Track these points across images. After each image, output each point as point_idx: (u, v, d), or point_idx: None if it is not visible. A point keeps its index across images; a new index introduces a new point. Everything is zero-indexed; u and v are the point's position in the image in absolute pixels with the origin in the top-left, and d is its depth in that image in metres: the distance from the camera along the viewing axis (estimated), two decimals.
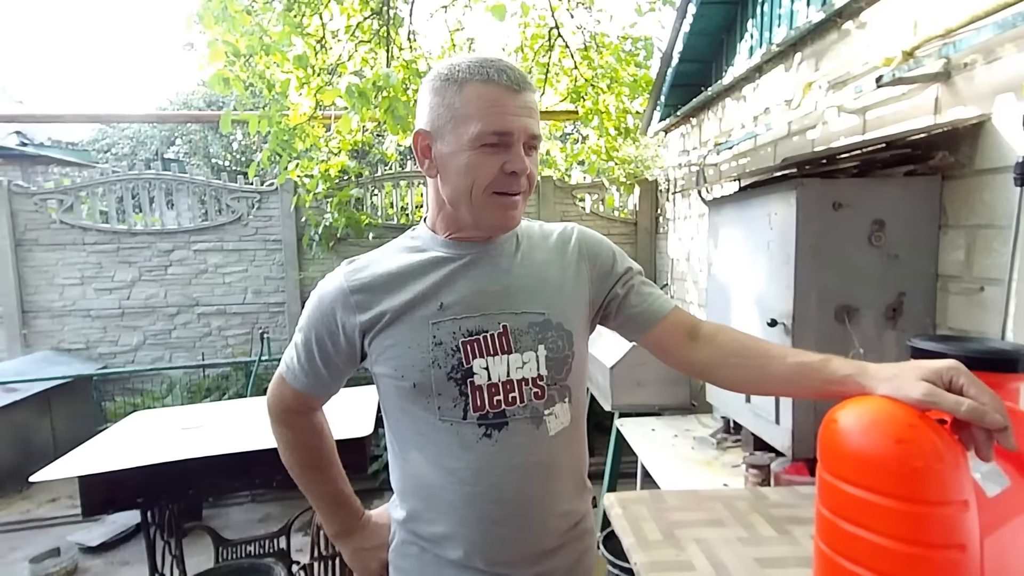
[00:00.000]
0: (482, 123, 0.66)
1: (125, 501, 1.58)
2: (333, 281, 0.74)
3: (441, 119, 0.68)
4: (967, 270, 1.23)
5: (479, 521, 0.70)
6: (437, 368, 0.69)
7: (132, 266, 4.24)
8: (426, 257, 0.74)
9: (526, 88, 0.68)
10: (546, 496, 0.73)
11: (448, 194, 0.71)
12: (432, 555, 0.74)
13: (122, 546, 2.78)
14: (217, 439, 1.73)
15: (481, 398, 0.70)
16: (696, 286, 2.99)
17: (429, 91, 0.70)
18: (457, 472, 0.70)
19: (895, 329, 1.33)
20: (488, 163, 0.67)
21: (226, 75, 3.06)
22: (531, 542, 0.73)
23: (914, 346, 0.61)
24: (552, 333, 0.73)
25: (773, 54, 1.99)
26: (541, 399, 0.72)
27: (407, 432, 0.74)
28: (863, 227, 1.31)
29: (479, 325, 0.71)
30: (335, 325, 0.72)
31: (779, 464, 1.44)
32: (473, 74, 0.67)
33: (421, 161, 0.73)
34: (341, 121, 3.12)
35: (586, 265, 0.79)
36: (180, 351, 4.32)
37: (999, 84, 1.12)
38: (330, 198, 4.02)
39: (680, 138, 3.21)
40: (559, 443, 0.74)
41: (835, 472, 0.56)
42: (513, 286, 0.74)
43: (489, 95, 0.66)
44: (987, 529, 0.50)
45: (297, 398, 0.78)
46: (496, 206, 0.70)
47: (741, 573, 0.92)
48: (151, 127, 9.43)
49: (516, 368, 0.71)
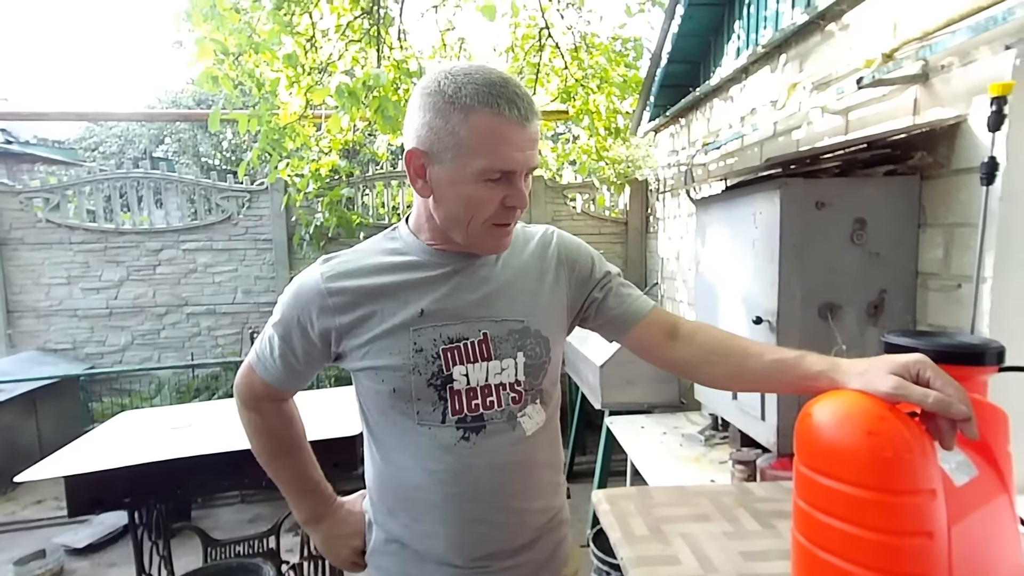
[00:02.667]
0: (488, 159, 0.64)
1: (112, 501, 1.57)
2: (309, 280, 0.73)
3: (442, 144, 0.65)
4: (945, 268, 1.26)
5: (459, 520, 0.72)
6: (417, 375, 0.70)
7: (120, 265, 4.19)
8: (406, 261, 0.74)
9: (533, 119, 0.66)
10: (523, 493, 0.75)
11: (441, 217, 0.70)
12: (412, 551, 0.75)
13: (109, 547, 2.76)
14: (206, 439, 1.72)
15: (460, 402, 0.71)
16: (685, 285, 3.01)
17: (429, 108, 0.65)
18: (437, 474, 0.71)
19: (877, 326, 1.35)
20: (489, 197, 0.66)
21: (215, 73, 3.03)
22: (510, 537, 0.74)
23: (887, 341, 0.63)
24: (531, 340, 0.75)
25: (759, 55, 2.02)
26: (518, 403, 0.74)
27: (386, 433, 0.75)
28: (845, 226, 1.34)
29: (460, 332, 0.71)
30: (309, 325, 0.72)
31: (765, 460, 1.46)
32: (482, 103, 0.63)
33: (414, 179, 0.69)
34: (331, 120, 3.11)
35: (565, 270, 0.80)
36: (169, 351, 4.28)
37: (975, 86, 1.15)
38: (321, 197, 4.00)
39: (669, 138, 3.23)
40: (535, 442, 0.76)
41: (810, 464, 0.57)
42: (493, 293, 0.74)
43: (498, 130, 0.63)
44: (954, 517, 0.52)
45: (266, 388, 0.78)
46: (491, 236, 0.70)
47: (726, 566, 0.94)
48: (139, 125, 9.32)
49: (495, 374, 0.72)
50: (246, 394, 0.80)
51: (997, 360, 0.59)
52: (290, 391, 0.81)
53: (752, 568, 0.93)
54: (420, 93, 0.68)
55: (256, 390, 0.79)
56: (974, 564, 0.52)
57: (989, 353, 0.58)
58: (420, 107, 0.67)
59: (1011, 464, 0.58)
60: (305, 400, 2.18)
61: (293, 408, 0.84)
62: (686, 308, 3.00)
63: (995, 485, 0.56)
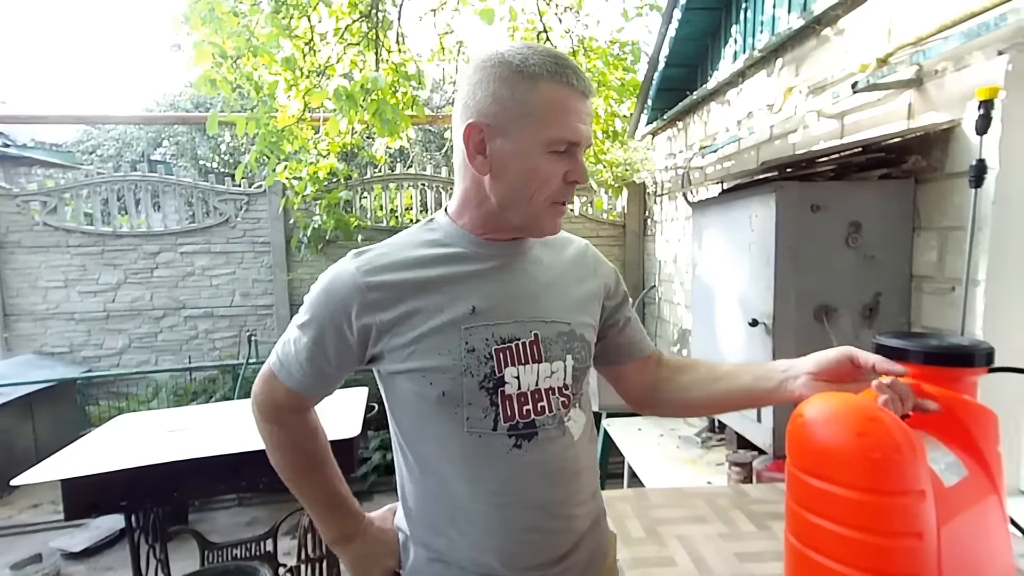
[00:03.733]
0: (556, 128, 0.62)
1: (109, 504, 1.57)
2: (343, 275, 0.67)
3: (507, 114, 0.62)
4: (939, 270, 1.27)
5: (510, 530, 0.68)
6: (469, 376, 0.65)
7: (117, 268, 4.19)
8: (451, 253, 0.69)
9: (592, 93, 0.66)
10: (572, 498, 0.72)
11: (500, 194, 0.66)
12: (457, 568, 0.70)
13: (106, 551, 2.75)
14: (203, 441, 1.72)
15: (511, 408, 0.67)
16: (683, 287, 3.02)
17: (493, 79, 0.63)
18: (487, 484, 0.67)
19: (871, 328, 1.36)
20: (553, 171, 0.64)
21: (213, 76, 3.04)
22: (558, 544, 0.72)
23: (878, 343, 0.63)
24: (577, 344, 0.73)
25: (756, 59, 2.03)
26: (566, 408, 0.71)
27: (425, 441, 0.70)
28: (840, 229, 1.35)
29: (511, 332, 0.68)
30: (346, 323, 0.67)
31: (761, 462, 1.47)
32: (551, 72, 0.62)
33: (472, 156, 0.65)
34: (329, 123, 3.12)
35: (600, 283, 0.79)
36: (166, 354, 4.27)
37: (968, 90, 1.16)
38: (319, 200, 4.01)
39: (667, 141, 3.25)
40: (580, 446, 0.74)
41: (801, 466, 0.58)
42: (541, 292, 0.71)
43: (565, 99, 0.63)
44: (944, 518, 0.52)
45: (291, 397, 0.72)
46: (551, 214, 0.68)
47: (721, 568, 0.94)
48: (137, 129, 9.32)
49: (545, 377, 0.69)
50: (267, 405, 0.74)
51: (986, 361, 0.59)
52: (316, 399, 0.75)
53: (747, 569, 0.93)
54: (481, 67, 0.65)
55: (279, 400, 0.73)
56: (964, 564, 0.53)
57: (979, 354, 0.59)
58: (481, 80, 0.64)
59: (1000, 465, 0.58)
60: None
61: (316, 419, 0.78)
62: (683, 310, 3.01)
63: (985, 485, 0.57)
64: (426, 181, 4.49)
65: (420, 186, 4.50)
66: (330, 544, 0.78)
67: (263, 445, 0.76)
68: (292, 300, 4.29)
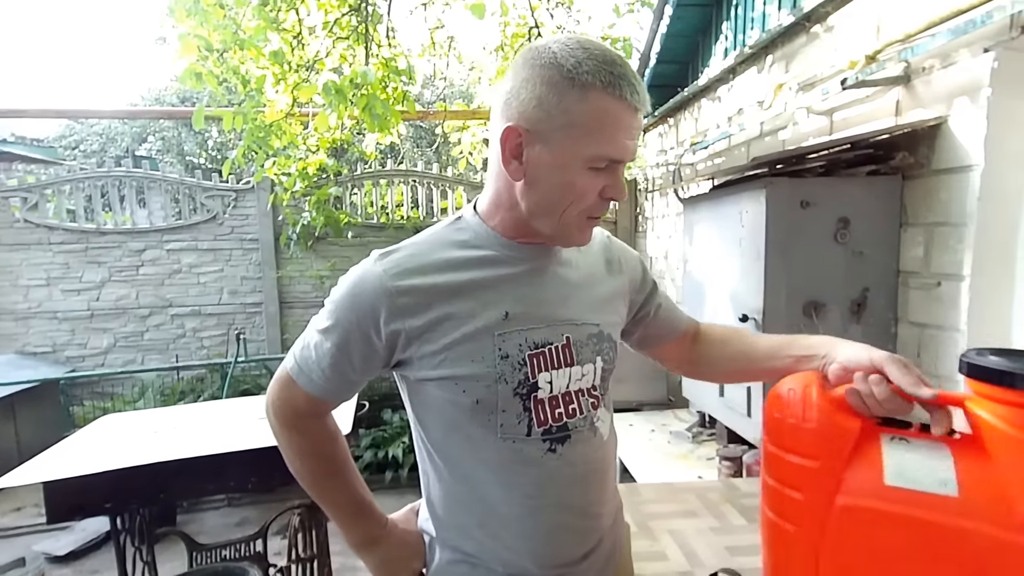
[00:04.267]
0: (602, 144, 0.59)
1: (93, 507, 1.53)
2: (370, 278, 0.64)
3: (551, 122, 0.59)
4: (926, 266, 1.28)
5: (543, 531, 0.68)
6: (504, 384, 0.64)
7: (101, 266, 4.11)
8: (482, 256, 0.67)
9: (645, 107, 0.62)
10: (601, 497, 0.73)
11: (532, 203, 0.63)
12: (484, 568, 0.70)
13: (91, 554, 2.70)
14: (190, 442, 1.69)
15: (544, 412, 0.66)
16: (674, 283, 3.04)
17: (542, 82, 0.59)
18: (522, 487, 0.67)
19: (859, 323, 1.37)
20: (591, 186, 0.62)
21: (199, 70, 2.99)
22: (587, 541, 0.72)
23: (969, 361, 0.57)
24: (606, 344, 0.72)
25: (746, 56, 2.04)
26: (595, 409, 0.71)
27: (458, 448, 0.68)
28: (829, 225, 1.36)
29: (544, 337, 0.67)
30: (373, 329, 0.64)
31: (751, 456, 1.48)
32: (604, 83, 0.58)
33: (507, 160, 0.62)
34: (318, 118, 3.08)
35: (627, 276, 0.79)
36: (153, 353, 4.21)
37: (955, 88, 1.17)
38: (308, 196, 3.96)
39: (658, 138, 3.26)
40: (609, 445, 0.74)
41: (774, 441, 0.63)
42: (571, 295, 0.70)
43: (616, 113, 0.59)
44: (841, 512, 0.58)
45: (310, 403, 0.70)
46: (582, 228, 0.66)
47: (712, 561, 0.95)
48: (122, 123, 9.16)
49: (576, 380, 0.69)
50: (287, 412, 0.71)
51: None
52: (337, 404, 0.73)
53: (738, 563, 0.94)
54: (530, 64, 0.60)
55: (298, 406, 0.70)
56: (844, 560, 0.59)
57: None
58: (529, 80, 0.60)
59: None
60: None
61: (334, 422, 0.75)
62: None
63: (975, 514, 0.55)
64: (417, 178, 4.46)
65: (411, 183, 4.47)
66: (355, 548, 0.76)
67: (280, 450, 0.73)
68: (281, 298, 4.24)
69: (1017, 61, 1.07)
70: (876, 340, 1.37)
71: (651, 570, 0.94)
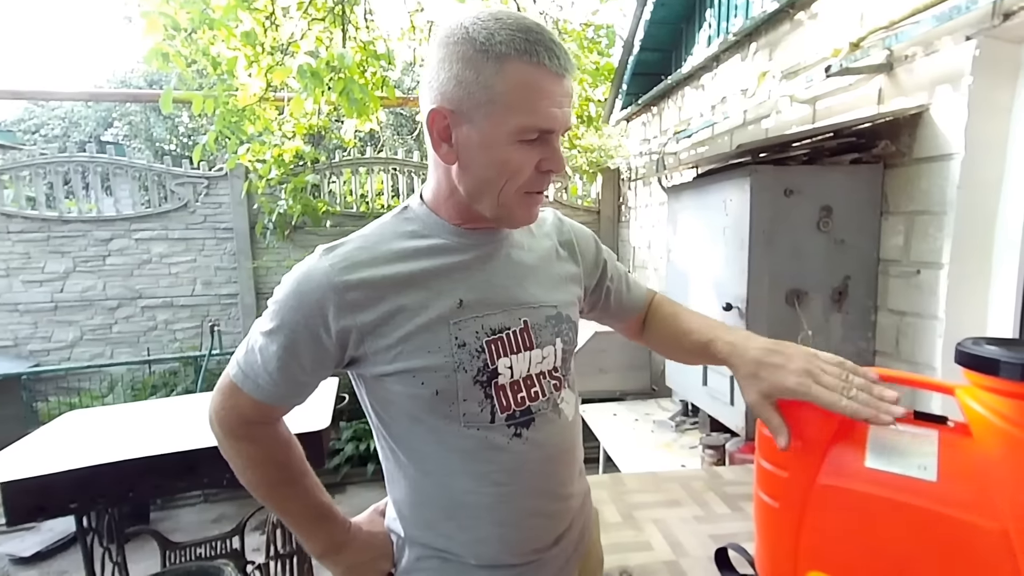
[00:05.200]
0: (527, 116, 0.57)
1: (56, 508, 1.46)
2: (315, 275, 0.62)
3: (472, 100, 0.57)
4: (905, 254, 1.29)
5: (514, 518, 0.67)
6: (463, 372, 0.63)
7: (65, 256, 3.93)
8: (431, 245, 0.66)
9: (571, 71, 0.60)
10: (570, 478, 0.73)
11: (469, 186, 0.62)
12: (456, 563, 0.68)
13: (59, 555, 2.61)
14: (160, 438, 1.63)
15: (507, 398, 0.65)
16: (656, 273, 3.04)
17: (456, 59, 0.57)
18: (489, 475, 0.65)
19: (840, 311, 1.39)
20: (524, 161, 0.60)
21: (165, 50, 2.85)
22: (557, 525, 0.72)
23: (963, 350, 0.56)
24: (565, 326, 0.72)
25: (730, 43, 2.03)
26: (558, 390, 0.71)
27: (422, 441, 0.66)
28: (812, 213, 1.36)
29: (501, 322, 0.66)
30: (322, 328, 0.61)
31: (734, 444, 1.49)
32: (519, 51, 0.56)
33: (437, 144, 0.61)
34: (293, 103, 2.98)
35: (579, 256, 0.78)
36: (122, 346, 4.06)
37: (937, 75, 1.17)
38: (284, 184, 3.85)
39: (642, 127, 3.24)
40: (574, 426, 0.74)
41: None
42: (527, 278, 0.70)
43: (537, 82, 0.57)
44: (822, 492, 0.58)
45: (258, 409, 0.66)
46: (524, 205, 0.64)
47: (697, 551, 0.95)
48: (85, 107, 8.76)
49: (536, 363, 0.68)
50: (233, 421, 0.67)
51: None
52: (288, 408, 0.69)
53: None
54: (442, 43, 0.59)
55: (245, 414, 0.66)
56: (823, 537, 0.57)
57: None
58: (444, 59, 0.58)
59: None
60: None
61: (286, 427, 0.72)
62: None
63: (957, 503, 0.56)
64: (397, 166, 4.37)
65: (391, 171, 4.38)
66: (318, 557, 0.72)
67: (228, 462, 0.68)
68: (258, 288, 4.13)
69: (999, 48, 1.08)
70: (856, 328, 1.39)
71: (636, 560, 0.93)
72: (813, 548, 0.63)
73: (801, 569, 0.64)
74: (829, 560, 0.62)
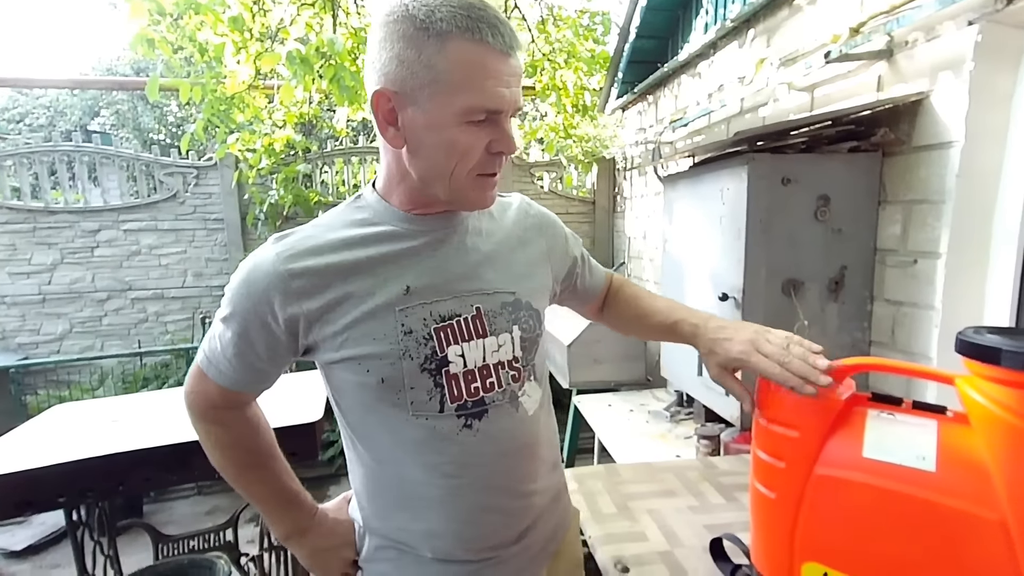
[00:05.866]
0: (472, 96, 0.55)
1: (43, 502, 1.44)
2: (263, 263, 0.62)
3: (416, 80, 0.56)
4: (903, 244, 1.28)
5: (466, 513, 0.66)
6: (408, 360, 0.62)
7: (52, 248, 3.87)
8: (380, 231, 0.65)
9: (518, 49, 0.58)
10: (530, 475, 0.71)
11: (420, 170, 0.61)
12: (413, 555, 0.68)
13: (52, 548, 2.60)
14: (150, 430, 1.61)
15: (458, 387, 0.64)
16: (652, 264, 3.03)
17: (397, 38, 0.56)
18: (440, 467, 0.65)
19: (837, 301, 1.38)
20: (473, 142, 0.58)
21: (150, 36, 2.78)
22: (517, 523, 0.70)
23: (963, 339, 0.55)
24: (524, 313, 0.70)
25: (727, 30, 2.00)
26: (517, 381, 0.69)
27: (375, 430, 0.66)
28: (809, 202, 1.34)
29: (451, 309, 0.64)
30: (270, 316, 0.62)
31: (728, 434, 1.49)
32: (461, 29, 0.54)
33: (383, 127, 0.60)
34: (283, 90, 2.92)
35: (546, 243, 0.78)
36: (113, 339, 4.02)
37: (938, 62, 1.15)
38: (275, 174, 3.79)
39: (637, 115, 3.21)
40: (536, 421, 0.72)
41: (763, 413, 0.67)
42: (482, 264, 0.68)
43: (480, 60, 0.55)
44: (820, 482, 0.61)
45: (224, 394, 0.68)
46: (478, 188, 0.62)
47: (692, 541, 0.94)
48: (71, 95, 8.59)
49: (492, 352, 0.67)
50: (201, 405, 0.69)
51: None
52: (254, 393, 0.71)
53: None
54: (383, 22, 0.57)
55: (212, 398, 0.68)
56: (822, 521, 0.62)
57: None
58: (384, 38, 0.57)
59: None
60: None
61: (258, 412, 0.73)
62: (652, 287, 3.03)
63: (953, 491, 0.55)
64: None
65: None
66: (282, 540, 0.74)
67: (200, 443, 0.71)
68: None
69: (1001, 34, 1.06)
70: (852, 319, 1.38)
71: (631, 551, 0.93)
72: (809, 539, 0.62)
73: (797, 560, 0.63)
74: (826, 551, 0.62)
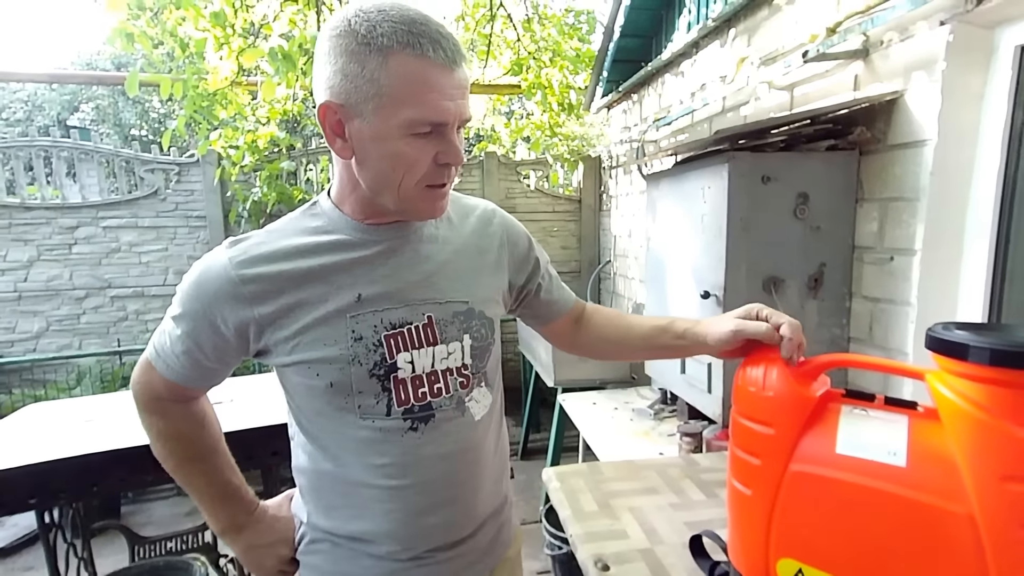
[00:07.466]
0: (415, 109, 0.56)
1: (13, 503, 1.40)
2: (215, 267, 0.63)
3: (360, 93, 0.57)
4: (879, 241, 1.30)
5: (407, 515, 0.67)
6: (358, 365, 0.63)
7: (28, 244, 3.78)
8: (334, 240, 0.66)
9: (462, 62, 0.59)
10: (472, 481, 0.71)
11: (368, 180, 0.62)
12: (347, 549, 0.69)
13: (25, 550, 2.54)
14: (125, 430, 1.57)
15: (405, 392, 0.66)
16: (637, 262, 3.05)
17: (340, 52, 0.57)
18: (383, 468, 0.66)
19: (816, 298, 1.39)
20: (420, 154, 0.59)
21: (129, 30, 2.72)
22: (457, 528, 0.71)
23: (933, 335, 0.56)
24: (476, 322, 0.71)
25: (709, 29, 2.01)
26: (465, 387, 0.70)
27: (322, 431, 0.68)
28: (789, 200, 1.36)
29: (402, 317, 0.66)
30: (219, 319, 0.63)
31: (711, 431, 1.50)
32: (402, 43, 0.55)
33: (331, 139, 0.61)
34: (265, 86, 2.88)
35: (506, 253, 0.78)
36: (91, 337, 3.93)
37: (912, 61, 1.17)
38: (259, 171, 3.73)
39: (622, 114, 3.22)
40: (483, 427, 0.72)
41: (739, 410, 0.67)
42: (436, 273, 0.69)
43: (422, 75, 0.56)
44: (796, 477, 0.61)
45: (169, 387, 0.69)
46: (426, 199, 0.63)
47: (672, 538, 0.94)
48: (49, 89, 8.38)
49: (441, 359, 0.68)
50: (146, 395, 0.70)
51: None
52: (201, 389, 0.72)
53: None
54: (328, 36, 0.58)
55: (157, 390, 0.69)
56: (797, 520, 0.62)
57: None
58: (329, 52, 0.57)
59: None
60: (241, 386, 2.05)
61: (206, 406, 0.74)
62: (638, 285, 3.04)
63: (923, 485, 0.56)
64: None
65: None
66: (219, 534, 0.75)
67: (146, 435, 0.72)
68: None
69: (972, 34, 1.07)
70: (831, 315, 1.40)
71: (612, 548, 0.92)
72: (785, 535, 0.63)
73: (772, 556, 0.64)
74: (800, 547, 0.62)
